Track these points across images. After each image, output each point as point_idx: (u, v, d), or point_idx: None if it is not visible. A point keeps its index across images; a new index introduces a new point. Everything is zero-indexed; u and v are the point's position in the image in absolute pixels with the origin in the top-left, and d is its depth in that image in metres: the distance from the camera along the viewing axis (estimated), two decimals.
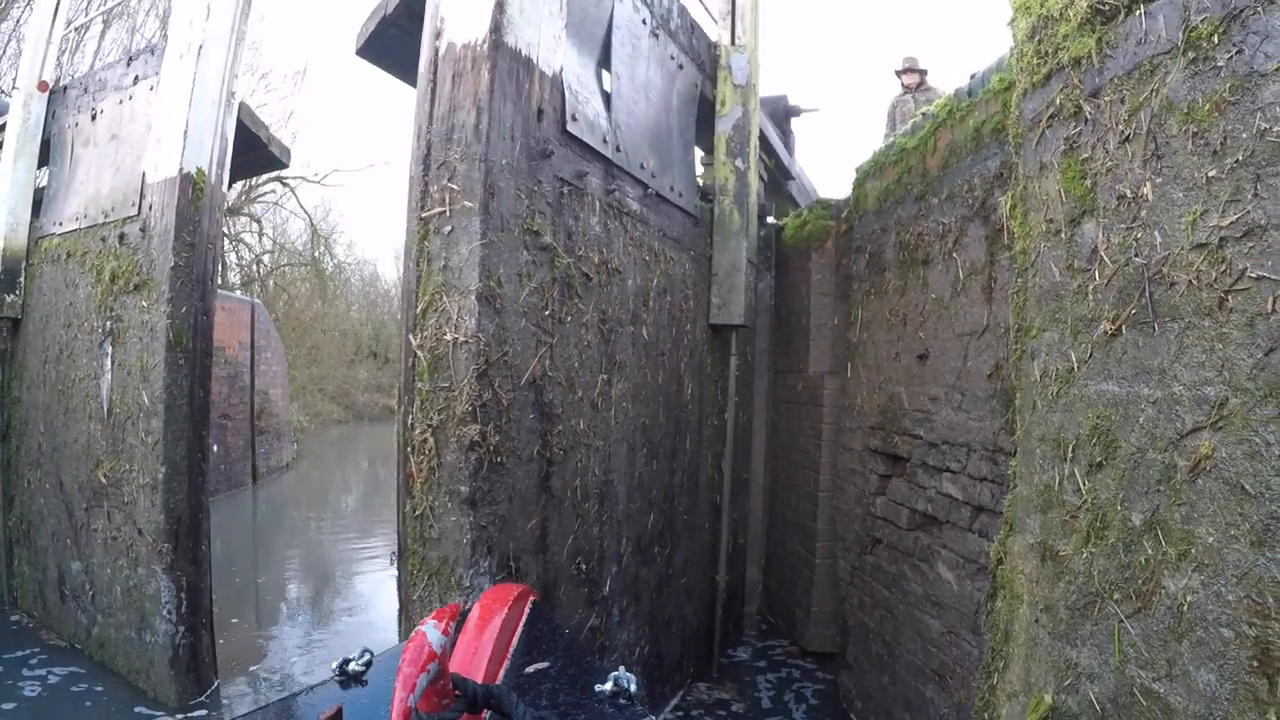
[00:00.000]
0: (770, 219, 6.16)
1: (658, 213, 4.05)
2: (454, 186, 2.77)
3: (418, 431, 2.80)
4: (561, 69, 3.17)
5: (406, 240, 2.97)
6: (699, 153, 5.20)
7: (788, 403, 5.61)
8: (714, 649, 4.89)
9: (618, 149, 3.59)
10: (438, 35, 2.90)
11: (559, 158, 3.13)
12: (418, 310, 2.83)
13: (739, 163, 4.85)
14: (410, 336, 2.85)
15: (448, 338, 2.75)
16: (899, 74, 6.95)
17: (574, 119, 3.22)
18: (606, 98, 3.62)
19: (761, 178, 5.95)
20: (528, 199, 2.94)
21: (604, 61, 3.62)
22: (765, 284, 5.80)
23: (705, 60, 4.80)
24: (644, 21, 3.93)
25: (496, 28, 2.80)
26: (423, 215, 2.82)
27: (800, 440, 5.33)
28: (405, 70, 4.35)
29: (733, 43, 4.99)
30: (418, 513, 2.84)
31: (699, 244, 4.68)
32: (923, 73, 6.88)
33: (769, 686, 4.68)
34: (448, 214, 2.79)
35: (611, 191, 3.55)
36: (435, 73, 2.89)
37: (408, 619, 2.99)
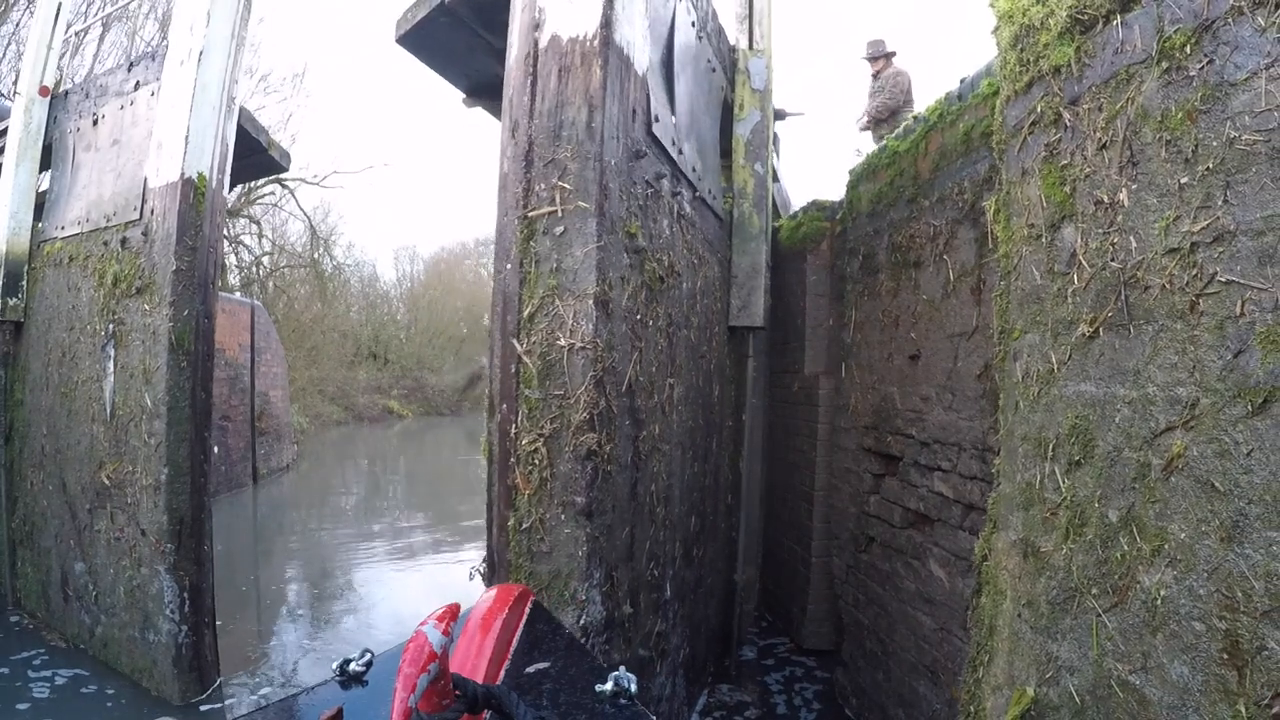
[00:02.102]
0: None
1: (701, 216, 4.08)
2: (566, 186, 2.67)
3: (526, 441, 2.67)
4: (647, 69, 3.13)
5: (501, 239, 2.84)
6: None
7: (784, 403, 5.65)
8: (732, 649, 4.92)
9: (680, 152, 3.59)
10: (536, 27, 2.80)
11: (647, 159, 3.09)
12: (524, 314, 2.70)
13: (758, 167, 4.89)
14: (514, 341, 2.73)
15: (561, 343, 2.64)
16: (867, 61, 6.70)
17: (657, 120, 3.20)
18: (671, 99, 3.60)
19: None
20: (626, 200, 2.88)
21: (666, 62, 3.59)
22: None
23: (727, 64, 4.84)
24: (693, 24, 3.94)
25: (607, 23, 2.72)
26: (529, 214, 2.71)
27: (796, 440, 5.38)
28: (446, 62, 4.30)
29: (750, 47, 5.03)
30: (525, 526, 2.70)
31: (724, 247, 4.72)
32: (889, 55, 6.57)
33: (779, 686, 4.71)
34: (559, 214, 2.68)
35: (677, 194, 3.54)
36: (535, 66, 2.77)
37: None
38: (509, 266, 2.79)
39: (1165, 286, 1.60)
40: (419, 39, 4.09)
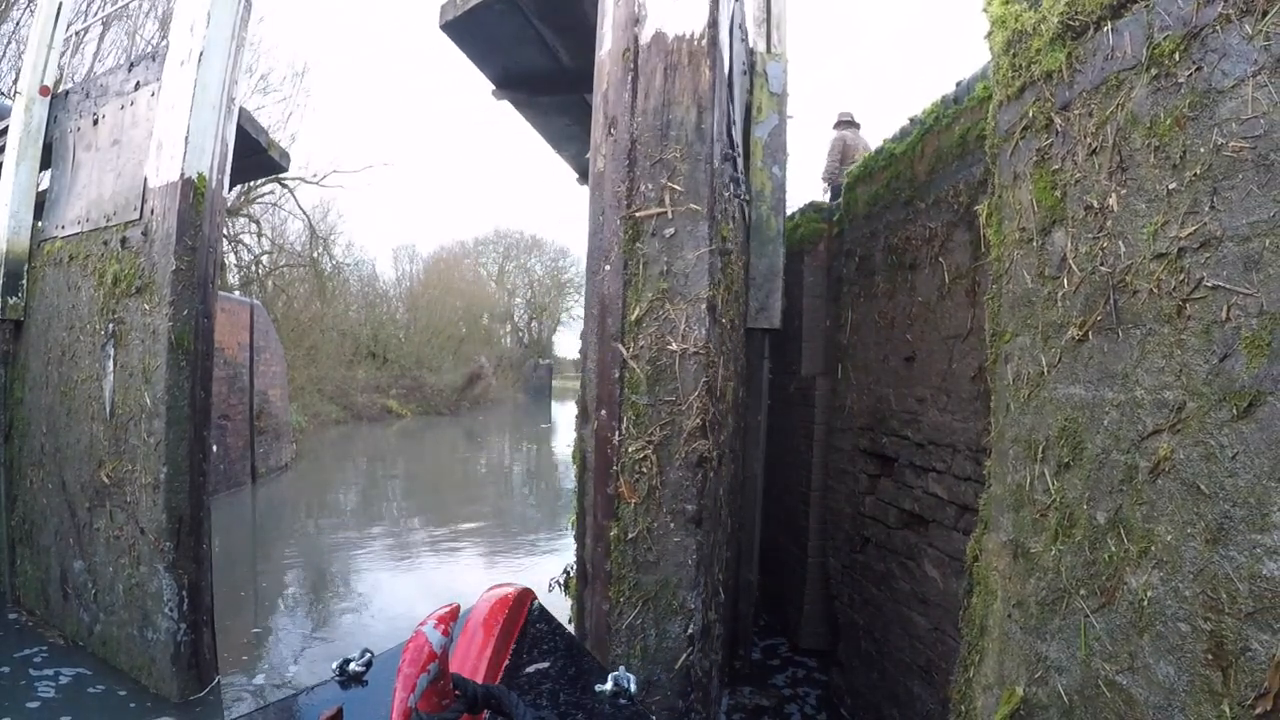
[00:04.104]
0: None
1: (743, 218, 4.11)
2: (676, 187, 2.62)
3: (633, 448, 2.61)
4: (728, 70, 3.11)
5: (598, 240, 2.77)
6: None
7: (781, 403, 5.67)
8: (748, 650, 4.93)
9: (739, 154, 3.64)
10: (636, 22, 2.74)
11: (731, 161, 3.09)
12: (630, 318, 2.63)
13: (776, 170, 4.91)
14: (618, 345, 2.66)
15: (673, 348, 2.59)
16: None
17: (734, 122, 3.20)
18: (732, 101, 3.56)
19: None
20: (720, 203, 2.86)
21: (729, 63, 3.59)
22: None
23: (746, 66, 4.88)
24: (739, 26, 3.97)
25: (714, 23, 2.69)
26: (636, 215, 2.65)
27: (793, 440, 5.40)
28: (486, 51, 4.29)
29: (768, 50, 5.06)
30: (630, 535, 2.63)
31: (745, 249, 4.76)
32: (841, 124, 7.30)
33: (789, 690, 4.70)
34: (669, 215, 2.62)
35: (738, 196, 3.56)
36: (636, 62, 2.71)
37: (609, 650, 2.71)
38: (608, 268, 2.71)
39: (1153, 291, 1.61)
40: (466, 26, 4.05)
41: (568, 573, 3.63)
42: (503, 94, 5.31)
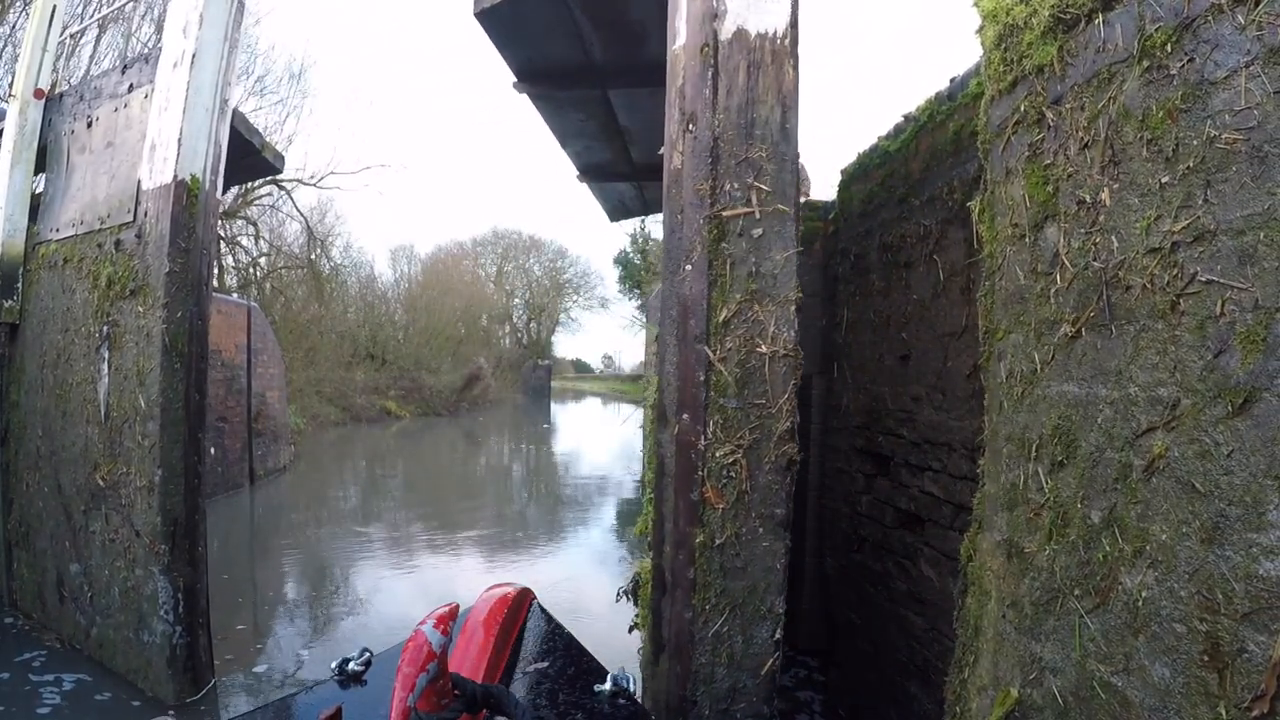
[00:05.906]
0: None
1: None
2: (763, 187, 2.61)
3: (722, 453, 2.59)
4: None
5: (676, 239, 2.73)
6: None
7: None
8: None
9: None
10: (715, 17, 2.71)
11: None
12: (717, 319, 2.61)
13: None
14: (703, 348, 2.63)
15: (762, 350, 2.58)
16: None
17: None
18: None
19: None
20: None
21: None
22: None
23: None
24: None
25: (795, 23, 2.68)
26: (723, 214, 2.62)
27: None
28: (516, 41, 4.27)
29: None
30: (718, 542, 2.60)
31: None
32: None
33: (794, 685, 4.66)
34: (756, 215, 2.61)
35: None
36: (717, 59, 2.68)
37: (692, 659, 2.67)
38: (689, 268, 2.67)
39: (1146, 286, 1.59)
40: (503, 13, 4.00)
41: (636, 582, 3.58)
42: (523, 86, 5.28)
